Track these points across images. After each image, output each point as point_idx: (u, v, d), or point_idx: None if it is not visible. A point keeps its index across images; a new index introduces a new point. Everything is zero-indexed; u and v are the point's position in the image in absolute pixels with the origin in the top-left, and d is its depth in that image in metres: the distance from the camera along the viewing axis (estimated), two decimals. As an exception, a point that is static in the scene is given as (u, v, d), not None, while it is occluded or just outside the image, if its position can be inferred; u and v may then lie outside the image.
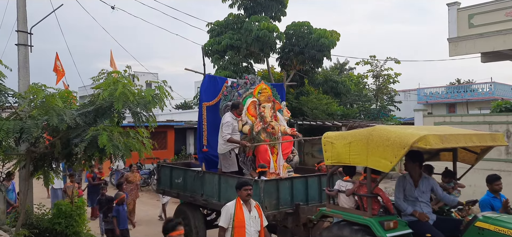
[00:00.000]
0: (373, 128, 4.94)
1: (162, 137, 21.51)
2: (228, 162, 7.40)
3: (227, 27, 16.28)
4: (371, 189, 4.96)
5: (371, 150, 4.73)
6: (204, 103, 8.02)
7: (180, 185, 8.10)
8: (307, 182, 6.72)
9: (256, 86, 7.90)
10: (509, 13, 12.17)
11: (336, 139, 5.29)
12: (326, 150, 5.41)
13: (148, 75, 21.92)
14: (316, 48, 15.67)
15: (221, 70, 15.23)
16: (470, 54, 13.22)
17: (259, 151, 7.27)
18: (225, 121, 7.22)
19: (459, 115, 15.10)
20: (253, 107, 7.60)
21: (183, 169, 8.32)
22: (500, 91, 27.65)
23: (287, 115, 8.31)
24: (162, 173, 8.83)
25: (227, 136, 7.11)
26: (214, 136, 7.81)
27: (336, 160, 5.33)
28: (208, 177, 7.32)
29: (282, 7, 16.45)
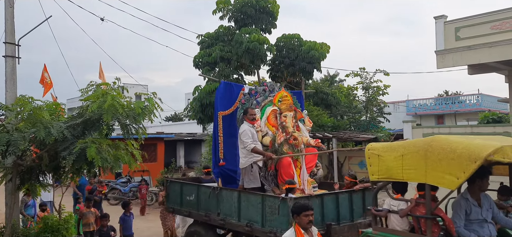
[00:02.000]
0: (432, 138, 4.34)
1: (152, 150, 21.38)
2: (250, 177, 6.64)
3: (218, 39, 16.31)
4: (431, 209, 4.32)
5: (431, 164, 4.12)
6: (219, 113, 7.38)
7: (193, 203, 7.38)
8: (337, 199, 6.09)
9: (276, 94, 7.35)
10: (495, 26, 12.41)
11: (384, 151, 4.65)
12: (371, 163, 4.75)
13: (137, 86, 21.88)
14: (307, 60, 15.74)
15: (211, 82, 15.22)
16: (457, 66, 13.41)
17: (282, 165, 6.62)
18: (242, 131, 6.59)
19: (447, 127, 15.28)
20: (274, 117, 7.03)
21: (196, 185, 7.62)
22: (487, 102, 28.06)
23: (309, 125, 7.71)
24: (171, 189, 8.09)
25: (251, 145, 6.40)
26: (231, 148, 7.26)
27: (385, 175, 4.64)
28: (226, 194, 6.66)
29: (273, 20, 16.54)
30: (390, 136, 18.67)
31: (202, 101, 14.86)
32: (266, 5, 16.16)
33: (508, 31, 12.14)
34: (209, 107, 14.81)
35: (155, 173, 19.75)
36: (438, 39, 13.49)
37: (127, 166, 7.00)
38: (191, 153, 28.68)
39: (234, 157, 7.16)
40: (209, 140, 19.54)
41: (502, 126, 11.21)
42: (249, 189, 6.52)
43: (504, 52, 12.22)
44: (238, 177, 7.17)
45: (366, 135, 18.46)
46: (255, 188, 6.57)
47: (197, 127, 27.38)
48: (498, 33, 12.29)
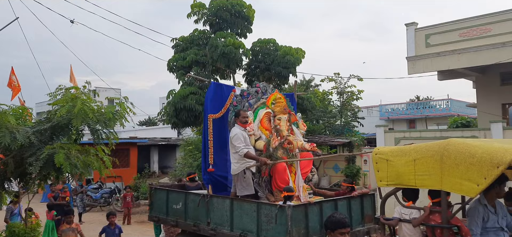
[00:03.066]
0: (447, 141, 4.04)
1: (125, 155, 20.96)
2: (243, 184, 6.23)
3: (193, 43, 16.16)
4: (447, 218, 4.04)
5: (448, 170, 3.84)
6: (209, 115, 6.94)
7: (180, 212, 6.92)
8: (336, 206, 5.78)
9: (270, 95, 6.96)
10: (463, 33, 12.82)
11: (393, 156, 4.32)
12: (379, 168, 4.42)
13: (110, 90, 21.44)
14: (282, 65, 15.80)
15: (186, 86, 15.07)
16: (428, 72, 13.79)
17: (276, 171, 6.23)
18: (233, 134, 6.16)
19: (417, 131, 15.64)
20: (267, 120, 6.66)
21: (184, 192, 7.12)
22: (456, 107, 28.93)
23: (303, 128, 7.33)
24: (156, 197, 7.58)
25: (244, 150, 5.98)
26: (221, 153, 6.92)
27: (394, 182, 4.32)
28: (217, 202, 6.22)
29: (248, 24, 16.54)
30: (364, 140, 18.96)
31: (176, 105, 14.67)
32: (242, 10, 16.16)
33: (475, 38, 12.57)
34: (183, 112, 14.64)
35: (127, 178, 19.37)
36: (409, 46, 13.84)
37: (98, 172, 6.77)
38: (166, 158, 28.29)
39: (224, 163, 6.84)
40: (184, 145, 19.33)
41: (470, 130, 11.57)
42: (242, 197, 6.14)
43: (472, 58, 12.64)
44: (229, 184, 6.87)
45: (341, 139, 18.67)
46: (248, 195, 6.19)
47: (171, 132, 27.09)
48: (466, 40, 12.72)
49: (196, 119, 15.26)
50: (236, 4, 15.94)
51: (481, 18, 12.59)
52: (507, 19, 12.07)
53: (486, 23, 12.43)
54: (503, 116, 13.88)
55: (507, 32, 11.98)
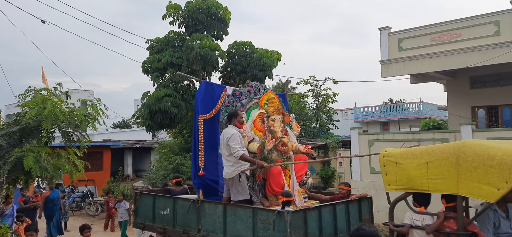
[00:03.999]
0: (463, 143, 3.83)
1: (98, 158, 20.50)
2: (238, 189, 5.87)
3: (168, 44, 16.02)
4: (464, 224, 3.82)
5: (465, 173, 3.62)
6: (200, 116, 6.60)
7: (168, 218, 6.55)
8: (335, 211, 5.56)
9: (263, 95, 6.67)
10: (435, 38, 13.15)
11: (403, 158, 4.06)
12: (388, 172, 4.15)
13: (83, 92, 20.95)
14: (258, 67, 15.86)
15: (161, 88, 14.90)
16: (400, 75, 14.06)
17: (271, 174, 5.93)
18: (230, 135, 5.76)
19: (390, 133, 15.96)
20: (261, 120, 6.36)
21: (172, 198, 6.79)
22: (427, 110, 29.69)
23: (297, 129, 7.03)
24: (142, 202, 7.19)
25: (240, 152, 5.63)
26: (212, 156, 6.63)
27: (405, 186, 4.04)
28: (209, 208, 5.89)
29: (224, 26, 16.53)
30: (339, 142, 19.18)
31: (151, 107, 14.49)
32: (218, 12, 16.12)
33: (446, 43, 12.91)
34: (158, 114, 14.47)
35: (101, 182, 18.94)
36: (383, 50, 14.09)
37: (69, 176, 6.55)
38: (140, 161, 27.86)
39: (215, 166, 6.57)
40: (159, 147, 19.08)
41: (441, 133, 11.86)
42: (236, 202, 5.81)
43: (443, 62, 12.98)
44: (220, 188, 6.61)
45: (316, 142, 18.83)
46: (243, 200, 5.86)
47: (146, 135, 26.68)
48: (437, 45, 13.05)
49: (171, 122, 15.11)
50: (212, 6, 15.89)
51: (452, 23, 12.95)
52: (476, 24, 12.45)
53: (457, 28, 12.80)
54: (472, 118, 14.31)
55: (476, 37, 12.36)
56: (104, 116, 6.09)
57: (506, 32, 11.93)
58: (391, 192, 4.30)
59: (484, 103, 14.55)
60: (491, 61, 11.97)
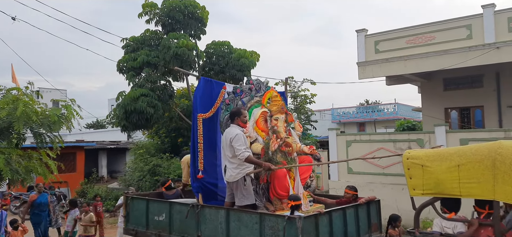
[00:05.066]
0: (499, 144, 3.55)
1: (71, 159, 19.96)
2: (243, 193, 5.49)
3: (144, 43, 15.70)
4: (501, 231, 3.58)
5: (503, 177, 3.35)
6: (199, 115, 6.23)
7: (163, 224, 6.18)
8: (345, 215, 5.31)
9: (265, 93, 6.33)
10: (410, 40, 13.40)
11: (430, 161, 3.75)
12: (413, 175, 3.82)
13: (55, 92, 20.37)
14: (237, 67, 15.74)
15: (136, 88, 14.59)
16: (377, 77, 14.26)
17: (276, 177, 5.62)
18: (234, 135, 5.42)
19: (368, 134, 16.16)
20: (263, 120, 6.03)
21: (168, 202, 6.36)
22: (402, 111, 30.29)
23: (300, 130, 6.69)
24: (133, 207, 6.76)
25: (245, 153, 5.30)
26: (211, 158, 6.31)
27: (433, 191, 3.72)
28: (210, 213, 5.53)
29: (202, 26, 16.32)
30: (317, 143, 19.31)
31: (126, 107, 14.16)
32: (195, 11, 15.91)
33: (421, 45, 13.19)
34: (134, 114, 14.17)
35: (74, 184, 18.44)
36: (360, 52, 14.27)
37: (42, 178, 6.32)
38: (115, 162, 27.31)
39: (214, 168, 6.28)
40: (135, 148, 18.73)
41: (416, 133, 12.07)
42: (241, 207, 5.48)
43: (418, 65, 13.25)
44: (219, 192, 6.31)
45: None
46: (247, 205, 5.52)
47: (121, 135, 26.18)
48: (412, 47, 13.30)
49: (148, 122, 14.83)
50: (190, 5, 15.68)
51: (426, 27, 13.22)
52: (450, 28, 12.76)
53: (431, 31, 13.08)
54: (445, 119, 14.66)
55: (449, 40, 12.66)
56: (78, 117, 5.90)
57: (478, 36, 12.28)
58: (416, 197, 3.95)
59: (457, 105, 14.94)
60: (463, 63, 12.29)
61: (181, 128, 17.78)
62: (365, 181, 11.61)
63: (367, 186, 11.24)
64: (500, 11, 12.03)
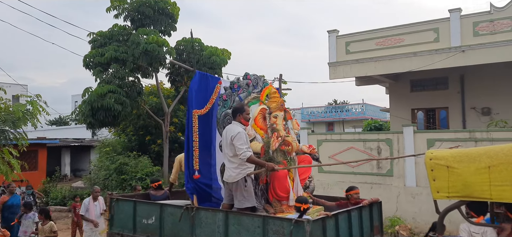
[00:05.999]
0: None
1: (32, 157, 19.09)
2: (243, 194, 5.14)
3: (112, 38, 15.25)
4: None
5: None
6: (194, 111, 5.90)
7: (153, 228, 5.76)
8: (350, 218, 5.12)
9: (264, 89, 6.06)
10: (379, 42, 13.65)
11: (456, 161, 3.47)
12: (437, 177, 3.53)
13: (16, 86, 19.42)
14: (208, 65, 15.58)
15: (104, 84, 14.15)
16: (347, 77, 14.45)
17: (277, 177, 5.37)
18: (235, 133, 5.07)
19: (338, 133, 16.35)
20: (262, 117, 5.76)
21: (159, 204, 5.91)
22: (370, 111, 30.96)
23: (297, 128, 6.40)
24: (119, 210, 6.30)
25: (247, 153, 4.98)
26: (205, 157, 5.97)
27: (460, 193, 3.45)
28: (206, 216, 5.15)
29: (173, 22, 16.04)
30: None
31: (93, 104, 13.71)
32: (166, 7, 15.61)
33: (390, 47, 13.46)
34: (101, 111, 13.73)
35: (35, 183, 17.63)
36: (331, 52, 14.41)
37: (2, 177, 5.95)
38: (79, 160, 26.43)
39: (208, 168, 5.96)
40: (100, 146, 18.16)
41: (385, 133, 12.29)
42: (241, 210, 5.15)
43: (387, 66, 13.52)
44: (214, 193, 6.02)
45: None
46: (247, 208, 5.19)
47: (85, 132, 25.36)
48: (382, 49, 13.56)
49: (115, 119, 14.43)
50: (160, 0, 15.36)
51: (395, 29, 13.51)
52: (418, 30, 13.09)
53: (400, 33, 13.37)
54: (412, 120, 15.05)
55: (417, 43, 12.99)
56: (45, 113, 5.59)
57: (445, 39, 12.66)
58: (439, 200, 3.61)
59: (423, 106, 15.36)
60: (430, 66, 12.64)
61: (149, 126, 17.41)
62: (334, 180, 11.73)
63: (338, 184, 11.34)
64: (466, 16, 12.45)
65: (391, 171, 11.26)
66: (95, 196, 8.59)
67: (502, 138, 9.81)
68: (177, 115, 17.61)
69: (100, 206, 8.52)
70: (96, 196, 8.60)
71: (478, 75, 13.73)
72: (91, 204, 8.44)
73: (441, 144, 10.59)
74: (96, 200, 8.55)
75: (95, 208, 8.46)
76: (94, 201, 8.52)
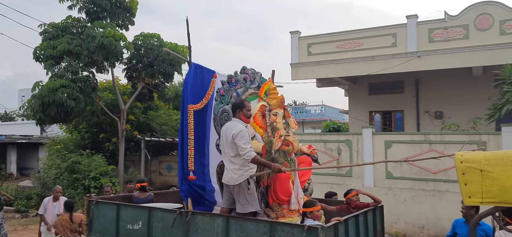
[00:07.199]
0: None
1: (-26, 154, 17.82)
2: (247, 198, 4.74)
3: (65, 30, 14.45)
4: None
5: None
6: (190, 106, 5.45)
7: (140, 234, 5.21)
8: (357, 223, 4.84)
9: (263, 85, 5.70)
10: (340, 45, 13.86)
11: (492, 165, 3.18)
12: (469, 181, 3.23)
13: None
14: (167, 62, 15.16)
15: (56, 78, 13.38)
16: (309, 79, 14.57)
17: (279, 180, 5.02)
18: (237, 131, 4.68)
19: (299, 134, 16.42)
20: (261, 115, 5.43)
21: (148, 208, 5.35)
22: (328, 112, 31.50)
23: (295, 127, 5.99)
24: (99, 213, 5.74)
25: (252, 153, 4.61)
26: (199, 157, 5.54)
27: (495, 199, 3.13)
28: (203, 221, 4.64)
29: (130, 16, 15.44)
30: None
31: (43, 99, 12.91)
32: (124, 0, 15.03)
33: (350, 50, 13.70)
34: (52, 107, 12.97)
35: (-23, 182, 16.46)
36: (293, 53, 14.46)
37: None
38: (26, 158, 25.03)
39: (202, 169, 5.54)
40: (50, 143, 17.24)
41: (345, 135, 12.48)
42: (244, 215, 4.70)
43: (346, 69, 13.76)
44: (207, 196, 5.65)
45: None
46: (251, 213, 4.79)
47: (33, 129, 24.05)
48: (342, 52, 13.78)
49: (67, 116, 13.69)
50: (118, -7, 14.77)
51: (355, 33, 13.77)
52: (377, 35, 13.41)
53: (359, 37, 13.64)
54: (370, 122, 15.42)
55: (376, 47, 13.31)
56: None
57: (402, 44, 13.05)
58: None
59: (380, 108, 15.78)
60: (388, 70, 12.98)
61: (104, 123, 16.69)
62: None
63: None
64: (422, 22, 12.89)
65: (350, 171, 11.44)
66: (56, 196, 8.10)
67: (454, 141, 10.23)
68: (133, 112, 17.02)
69: (60, 207, 8.01)
70: (57, 196, 8.11)
71: (432, 80, 14.28)
72: (50, 204, 7.97)
73: (398, 146, 10.90)
74: (57, 200, 8.07)
75: (54, 208, 7.98)
76: (54, 201, 8.04)
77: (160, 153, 18.37)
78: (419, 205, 10.35)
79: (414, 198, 10.44)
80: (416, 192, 10.52)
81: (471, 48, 12.09)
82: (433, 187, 10.36)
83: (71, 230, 7.12)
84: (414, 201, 10.45)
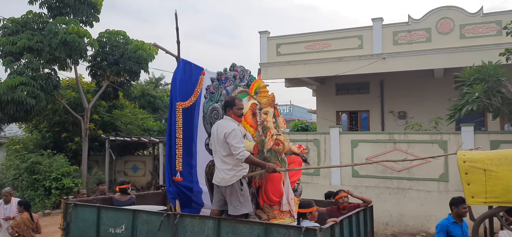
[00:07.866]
0: None
1: None
2: (239, 200, 4.51)
3: (25, 26, 13.88)
4: None
5: None
6: (178, 104, 5.30)
7: None
8: (351, 223, 4.77)
9: (253, 83, 5.49)
10: (309, 46, 14.01)
11: (495, 165, 3.13)
12: (472, 181, 3.17)
13: None
14: (133, 60, 14.84)
15: (15, 75, 12.82)
16: (278, 78, 14.64)
17: (271, 180, 4.89)
18: (229, 129, 4.45)
19: (266, 134, 16.46)
20: (251, 113, 5.22)
21: (131, 210, 5.08)
22: (297, 112, 31.83)
23: (284, 127, 5.85)
24: (78, 217, 5.46)
25: (245, 152, 4.40)
26: (187, 157, 5.34)
27: (499, 199, 3.09)
28: (192, 224, 4.45)
29: (95, 12, 15.02)
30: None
31: (1, 97, 12.36)
32: (88, -5, 14.60)
33: (318, 51, 13.87)
34: (11, 105, 12.44)
35: None
36: (262, 53, 14.49)
37: None
38: (-18, 159, 23.77)
39: (189, 169, 5.36)
40: (9, 143, 16.52)
41: (313, 134, 12.61)
42: (236, 217, 4.51)
43: (315, 69, 13.92)
44: (194, 197, 5.45)
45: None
46: (243, 215, 4.58)
47: (-9, 128, 22.88)
48: (311, 52, 13.93)
49: (27, 114, 13.17)
50: (82, -12, 14.33)
51: (323, 34, 13.95)
52: (344, 37, 13.65)
53: (327, 38, 13.83)
54: (337, 121, 15.67)
55: (343, 48, 13.54)
56: None
57: (367, 46, 13.34)
58: None
59: (347, 108, 16.06)
60: (354, 71, 13.24)
61: (66, 122, 16.15)
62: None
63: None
64: (387, 25, 13.23)
65: (318, 170, 11.57)
66: (7, 199, 7.69)
67: (418, 140, 10.56)
68: (97, 111, 16.55)
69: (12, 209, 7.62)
70: (8, 199, 7.70)
71: (396, 81, 14.67)
72: (2, 207, 7.58)
73: (364, 145, 11.14)
74: (9, 203, 7.67)
75: (4, 211, 7.59)
76: (6, 204, 7.64)
77: (125, 153, 17.96)
78: (383, 202, 10.61)
79: (379, 196, 10.69)
80: (381, 190, 10.78)
81: (433, 51, 12.51)
82: (397, 185, 10.66)
83: (33, 229, 6.97)
84: (379, 198, 10.69)
